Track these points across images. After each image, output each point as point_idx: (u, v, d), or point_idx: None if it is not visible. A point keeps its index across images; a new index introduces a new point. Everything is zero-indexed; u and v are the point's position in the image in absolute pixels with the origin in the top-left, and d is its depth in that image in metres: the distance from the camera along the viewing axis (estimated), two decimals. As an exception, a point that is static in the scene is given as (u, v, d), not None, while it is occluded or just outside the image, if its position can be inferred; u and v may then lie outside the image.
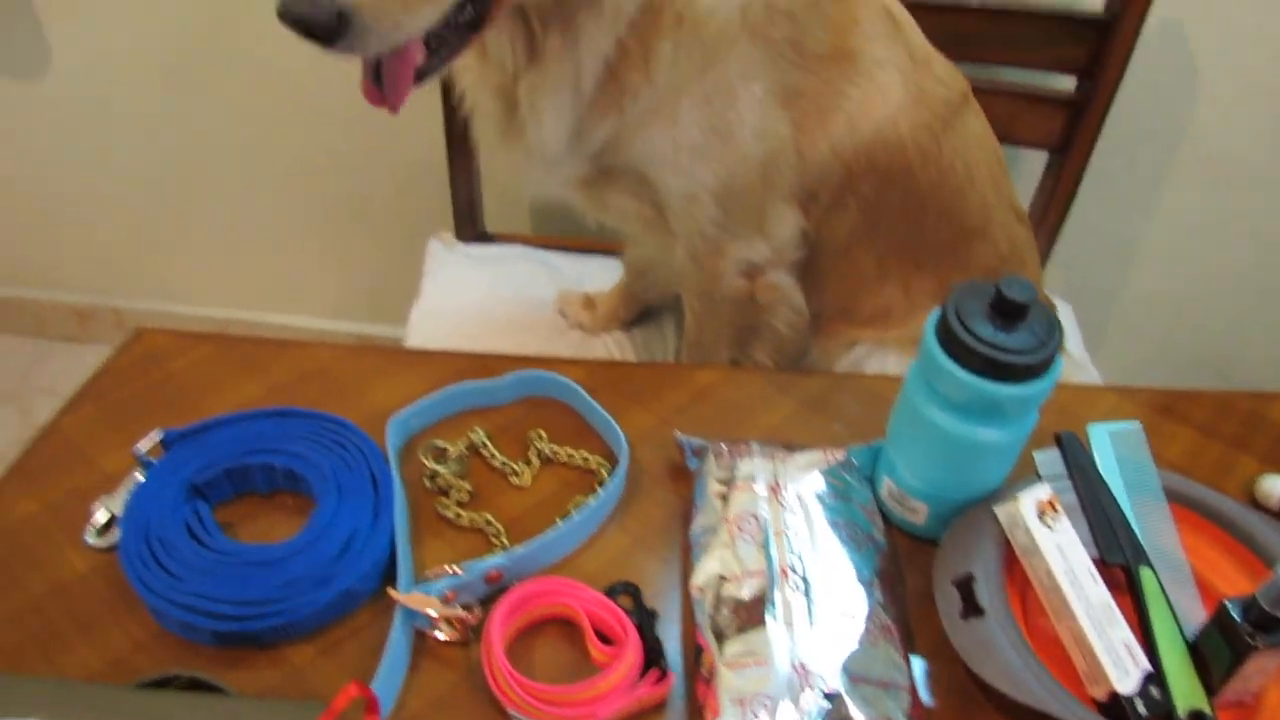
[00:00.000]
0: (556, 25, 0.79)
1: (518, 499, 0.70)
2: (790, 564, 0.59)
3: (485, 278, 1.30)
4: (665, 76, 0.81)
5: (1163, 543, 0.64)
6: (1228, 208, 1.46)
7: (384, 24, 0.67)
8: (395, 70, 0.74)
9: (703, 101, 0.83)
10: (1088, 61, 1.17)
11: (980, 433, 0.60)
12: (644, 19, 0.79)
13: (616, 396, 0.76)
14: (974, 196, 0.95)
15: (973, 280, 0.60)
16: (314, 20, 0.65)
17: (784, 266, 0.95)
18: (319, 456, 0.69)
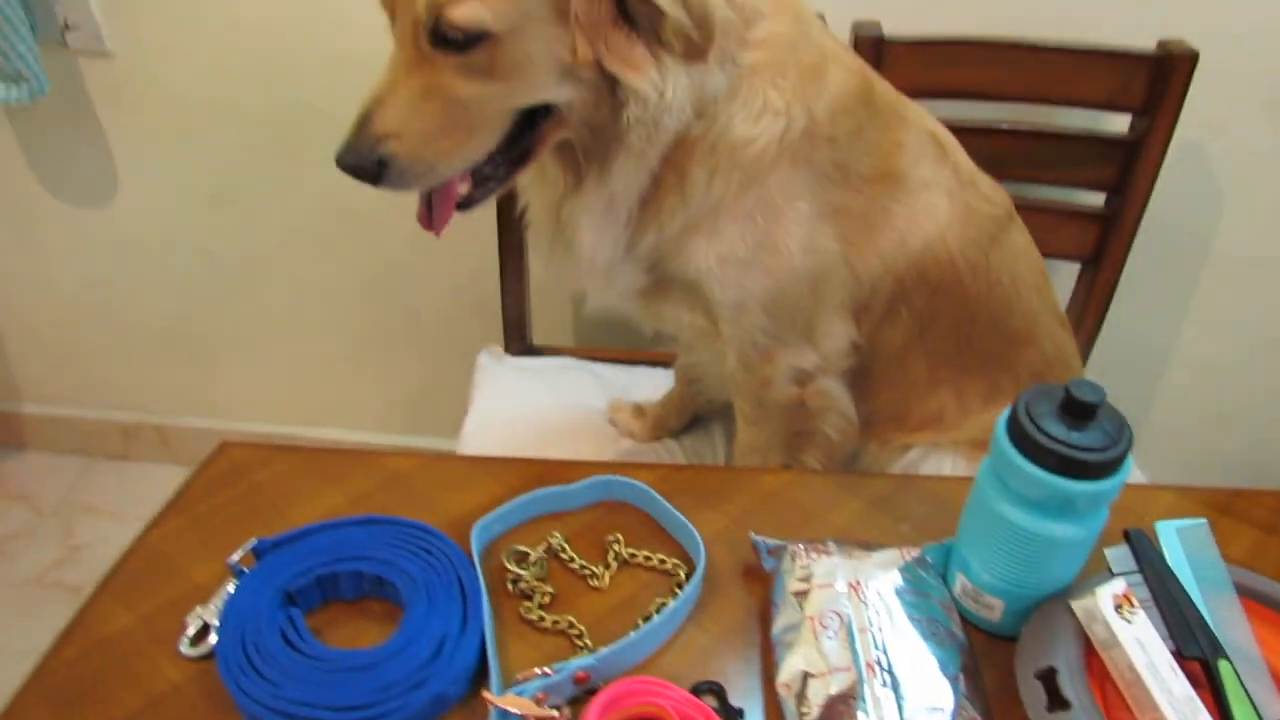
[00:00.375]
0: (595, 159, 0.86)
1: (598, 601, 0.72)
2: (876, 659, 0.60)
3: (535, 388, 1.34)
4: (700, 197, 0.87)
5: (1236, 636, 0.65)
6: (1257, 313, 1.51)
7: (417, 168, 0.78)
8: (440, 201, 0.84)
9: (745, 218, 0.88)
10: (1116, 179, 1.23)
11: (1054, 528, 0.62)
12: (677, 151, 0.85)
13: (687, 499, 0.78)
14: (1020, 305, 0.99)
15: (1042, 384, 0.64)
16: (361, 167, 0.77)
17: (834, 374, 0.98)
18: (407, 563, 0.71)
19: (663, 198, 0.87)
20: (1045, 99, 1.21)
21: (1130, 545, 0.67)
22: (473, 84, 0.76)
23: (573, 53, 0.77)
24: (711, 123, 0.84)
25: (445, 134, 0.77)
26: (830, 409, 0.99)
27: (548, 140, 0.84)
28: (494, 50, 0.75)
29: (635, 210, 0.88)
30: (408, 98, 0.76)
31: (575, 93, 0.80)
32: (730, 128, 0.84)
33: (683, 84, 0.80)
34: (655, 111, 0.80)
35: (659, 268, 0.92)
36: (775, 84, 0.84)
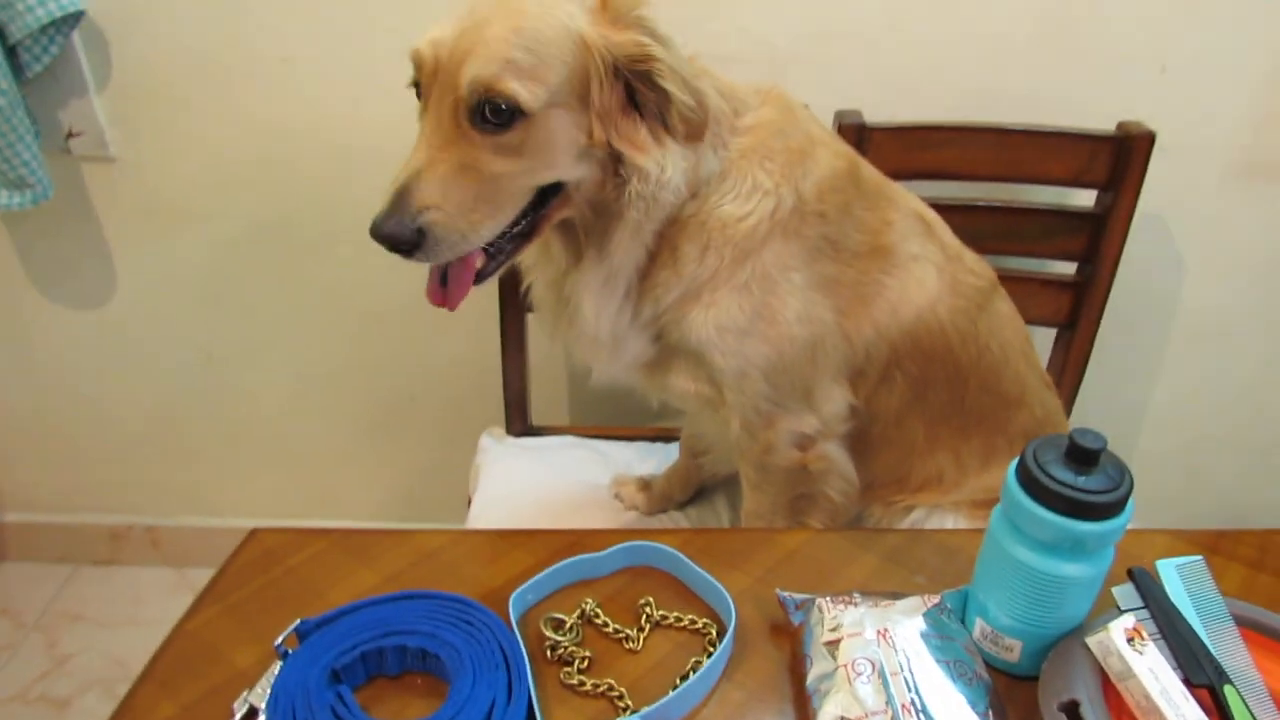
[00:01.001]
0: (595, 236, 0.93)
1: (634, 663, 0.75)
2: (911, 700, 0.64)
3: (539, 467, 1.37)
4: (692, 270, 0.93)
5: (1237, 663, 0.69)
6: (1222, 371, 1.59)
7: (453, 237, 0.84)
8: (458, 274, 0.89)
9: (741, 289, 0.94)
10: (1086, 249, 1.31)
11: (1066, 568, 0.67)
12: (671, 228, 0.93)
13: (711, 560, 0.82)
14: (1009, 370, 1.05)
15: (1046, 435, 0.69)
16: (399, 236, 0.82)
17: (834, 438, 1.03)
18: (449, 634, 0.73)
19: (657, 271, 0.94)
20: (1018, 178, 1.29)
21: (1135, 583, 0.72)
22: (504, 161, 0.83)
23: (589, 135, 0.86)
24: (703, 202, 0.91)
25: (477, 207, 0.83)
26: (831, 471, 1.03)
27: (553, 217, 0.90)
28: (527, 130, 0.82)
29: (634, 284, 0.94)
30: (445, 172, 0.82)
31: (586, 172, 0.88)
32: (720, 206, 0.91)
33: (680, 164, 0.88)
34: (655, 187, 0.87)
35: (663, 339, 0.97)
36: (764, 166, 0.92)
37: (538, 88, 0.81)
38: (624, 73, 0.85)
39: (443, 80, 0.82)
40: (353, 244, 1.53)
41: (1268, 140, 1.38)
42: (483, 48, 0.80)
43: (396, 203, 0.81)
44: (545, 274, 1.01)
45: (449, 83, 0.81)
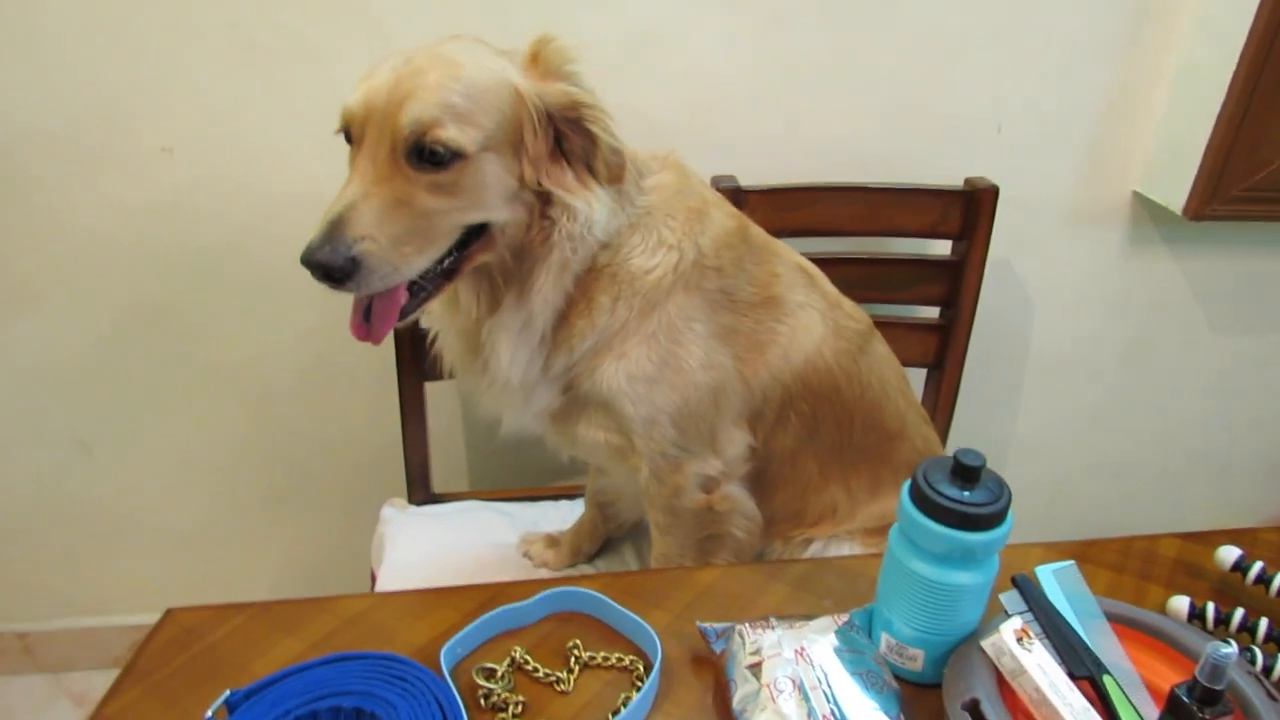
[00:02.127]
0: (515, 281, 0.97)
1: (566, 704, 0.77)
2: (831, 710, 0.69)
3: (445, 532, 1.38)
4: (606, 321, 0.99)
5: (1112, 655, 0.77)
6: (1076, 400, 1.74)
7: (385, 269, 0.86)
8: (383, 309, 0.92)
9: (649, 339, 1.00)
10: (946, 294, 1.43)
11: (959, 577, 0.74)
12: (587, 276, 0.98)
13: (633, 601, 0.85)
14: (890, 406, 1.13)
15: (932, 458, 0.76)
16: (332, 264, 0.83)
17: (736, 479, 1.09)
18: (384, 691, 0.74)
19: (573, 321, 0.99)
20: (881, 231, 1.41)
21: (1019, 588, 0.79)
22: (438, 198, 0.87)
23: (520, 178, 0.91)
24: (615, 253, 0.97)
25: (409, 240, 0.86)
26: (736, 511, 1.09)
27: (475, 258, 0.94)
28: (462, 170, 0.87)
29: (549, 333, 0.98)
30: (379, 205, 0.85)
31: (513, 214, 0.93)
32: (630, 259, 0.98)
33: (606, 204, 0.95)
34: (584, 226, 0.93)
35: (573, 389, 1.02)
36: (667, 224, 0.98)
37: (474, 131, 0.86)
38: (555, 121, 0.91)
39: (378, 122, 0.86)
40: (238, 322, 1.52)
41: (1094, 190, 1.55)
42: (424, 92, 0.85)
43: (330, 232, 0.83)
44: (455, 324, 1.04)
45: (386, 124, 0.85)
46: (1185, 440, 1.83)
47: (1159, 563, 0.95)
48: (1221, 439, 1.84)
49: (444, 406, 1.59)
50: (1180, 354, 1.73)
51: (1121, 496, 1.87)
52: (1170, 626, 0.79)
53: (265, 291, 1.49)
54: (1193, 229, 1.59)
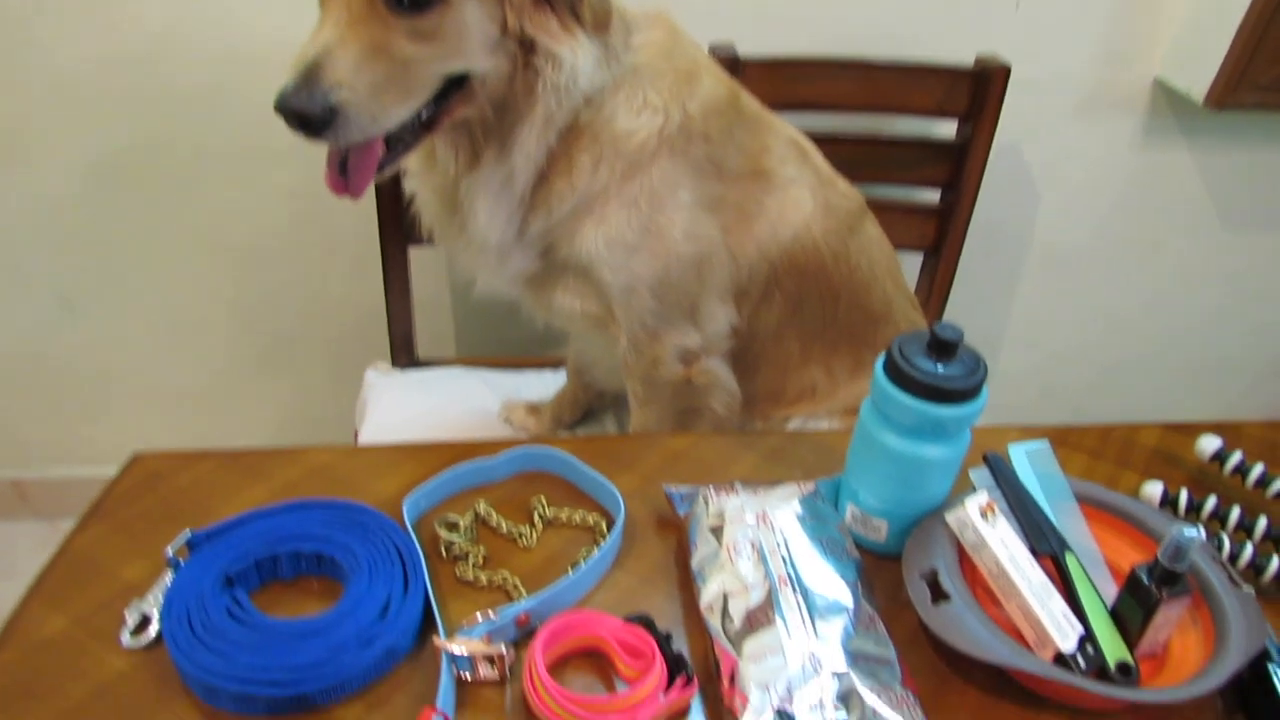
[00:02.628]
0: (496, 137, 0.93)
1: (528, 558, 0.77)
2: (787, 573, 0.68)
3: (428, 397, 1.38)
4: (586, 183, 0.95)
5: (1077, 535, 0.77)
6: (1074, 294, 1.70)
7: (363, 119, 0.82)
8: (360, 162, 0.88)
9: (630, 204, 0.96)
10: (949, 178, 1.38)
11: (927, 450, 0.72)
12: (569, 135, 0.94)
13: (602, 463, 0.85)
14: (877, 288, 1.11)
15: (910, 331, 0.74)
16: (308, 112, 0.79)
17: (717, 354, 1.07)
18: (344, 538, 0.75)
19: (553, 181, 0.95)
20: (884, 109, 1.35)
21: (989, 465, 0.78)
22: (418, 45, 0.82)
23: (502, 26, 0.86)
24: (598, 111, 0.93)
25: (388, 90, 0.82)
26: (715, 386, 1.07)
27: (454, 111, 0.90)
28: (443, 14, 0.82)
29: (528, 194, 0.95)
30: (357, 51, 0.80)
31: (495, 64, 0.88)
32: (614, 119, 0.93)
33: (590, 53, 0.89)
34: (569, 76, 0.88)
35: (551, 254, 0.99)
36: (654, 84, 0.94)
37: None
38: None
39: None
40: (218, 179, 1.48)
41: (1114, 74, 1.48)
42: None
43: (306, 78, 0.79)
44: (431, 181, 1.00)
45: None
46: (1187, 340, 1.81)
47: (1138, 450, 0.95)
48: (1225, 339, 1.82)
49: (430, 271, 1.57)
50: (1189, 252, 1.69)
51: (1117, 393, 1.86)
52: (1139, 510, 0.78)
53: (244, 148, 1.45)
54: (1212, 121, 1.52)
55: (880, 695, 0.62)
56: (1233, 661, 0.66)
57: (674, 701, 0.64)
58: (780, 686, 0.61)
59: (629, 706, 0.63)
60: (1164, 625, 0.69)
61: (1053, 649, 0.67)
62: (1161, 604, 0.67)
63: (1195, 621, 0.71)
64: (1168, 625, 0.69)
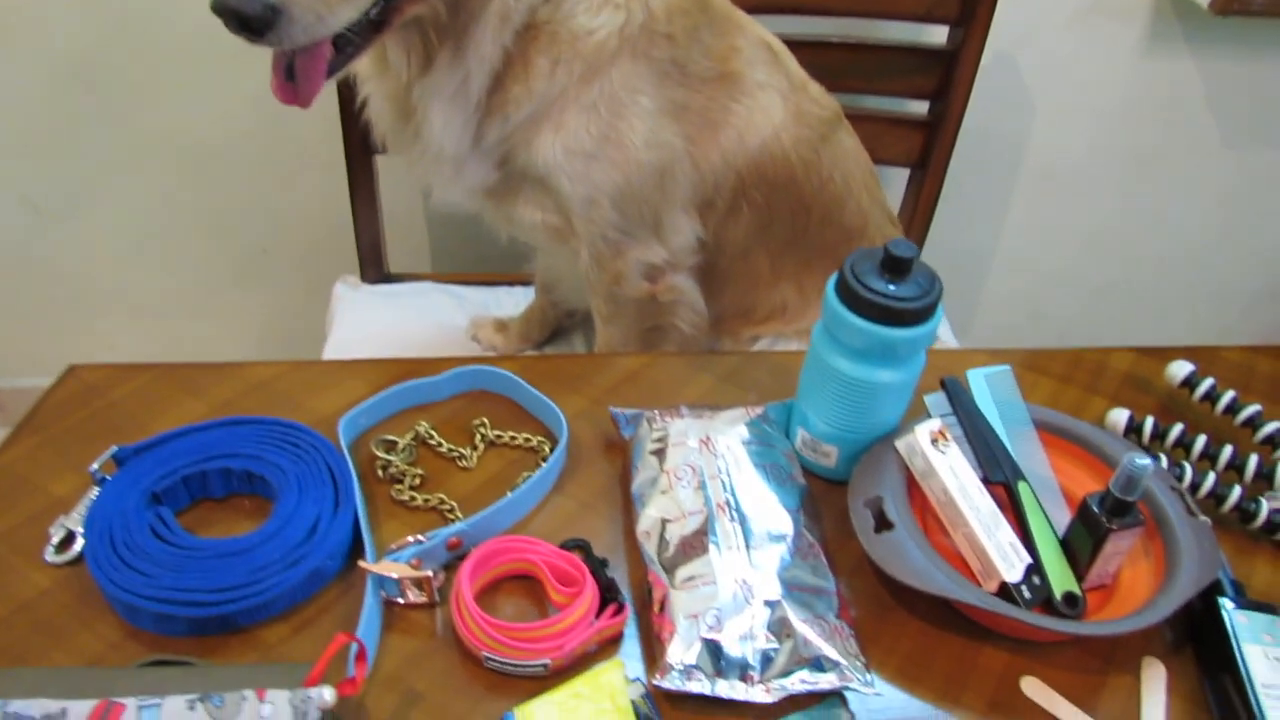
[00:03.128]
0: (449, 37, 0.88)
1: (467, 479, 0.75)
2: (725, 500, 0.66)
3: (395, 312, 1.35)
4: (543, 87, 0.90)
5: (1033, 463, 0.74)
6: (1068, 214, 1.65)
7: (309, 18, 0.76)
8: (308, 66, 0.81)
9: (589, 110, 0.91)
10: (937, 88, 1.32)
11: (878, 374, 0.69)
12: (525, 35, 0.88)
13: (550, 384, 0.82)
14: (851, 202, 1.06)
15: (865, 248, 0.70)
16: (247, 11, 0.73)
17: (683, 270, 1.04)
18: (275, 456, 0.72)
19: (509, 86, 0.90)
20: (869, 13, 1.28)
21: (946, 390, 0.75)
22: None
23: None
24: (556, 8, 0.87)
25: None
26: (681, 303, 1.04)
27: (405, 10, 0.84)
28: None
29: (484, 99, 0.90)
30: None
31: None
32: (573, 17, 0.88)
33: None
34: None
35: (509, 163, 0.94)
36: None
37: None
38: None
39: None
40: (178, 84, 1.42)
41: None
42: None
43: None
44: (383, 87, 0.95)
45: None
46: (1182, 262, 1.76)
47: (1108, 376, 0.91)
48: (1222, 262, 1.76)
49: (403, 182, 1.52)
50: (1187, 169, 1.63)
51: (1107, 318, 1.82)
52: (1099, 437, 0.75)
53: (206, 51, 1.39)
54: (1218, 28, 1.45)
55: (813, 626, 0.60)
56: (1179, 595, 0.64)
57: (603, 629, 0.62)
58: (710, 616, 0.60)
59: (555, 633, 0.61)
60: (1114, 556, 0.67)
61: (998, 579, 0.65)
62: (1111, 534, 0.65)
63: (1148, 553, 0.69)
64: (1118, 556, 0.67)
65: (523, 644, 0.60)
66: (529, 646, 0.60)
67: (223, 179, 1.55)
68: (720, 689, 0.58)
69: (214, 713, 0.51)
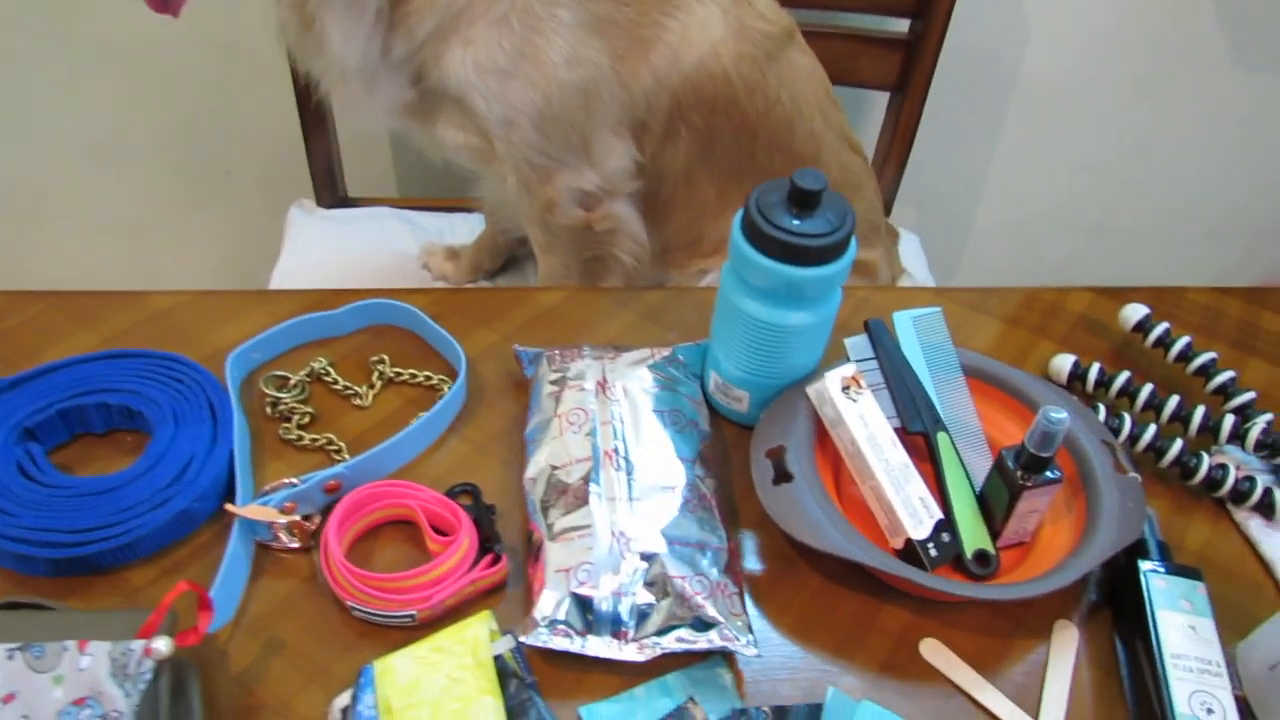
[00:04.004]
0: None
1: (360, 419, 0.72)
2: (614, 447, 0.62)
3: (347, 238, 1.30)
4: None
5: (959, 412, 0.70)
6: (1062, 141, 1.56)
7: None
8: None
9: (500, 23, 0.85)
10: (917, 3, 1.23)
11: (788, 316, 0.65)
12: None
13: (461, 319, 0.78)
14: (803, 126, 0.99)
15: (772, 180, 0.65)
16: None
17: (621, 197, 0.98)
18: (154, 391, 0.69)
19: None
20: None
21: (869, 333, 0.71)
22: None
23: None
24: None
25: None
26: (619, 232, 0.99)
27: None
28: None
29: (385, 6, 0.84)
30: None
31: None
32: None
33: None
34: None
35: (422, 80, 0.89)
36: None
37: None
38: None
39: None
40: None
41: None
42: None
43: None
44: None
45: None
46: (1183, 195, 1.66)
47: (1061, 318, 0.86)
48: (1225, 196, 1.67)
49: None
50: (1194, 94, 1.52)
51: (1102, 254, 1.74)
52: (1031, 385, 0.70)
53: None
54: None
55: (692, 581, 0.57)
56: (1093, 558, 0.60)
57: (478, 580, 0.59)
58: (583, 570, 0.56)
59: (423, 584, 0.58)
60: (1030, 514, 0.63)
61: (904, 536, 0.62)
62: (1025, 492, 0.60)
63: (1070, 510, 0.65)
64: (1034, 514, 0.63)
65: (388, 594, 0.58)
66: (394, 597, 0.57)
67: (178, 93, 1.49)
68: (589, 647, 0.55)
69: (32, 663, 0.49)
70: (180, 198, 1.63)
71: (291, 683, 0.56)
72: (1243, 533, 0.69)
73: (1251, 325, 0.87)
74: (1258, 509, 0.69)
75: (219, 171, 1.59)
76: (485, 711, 0.53)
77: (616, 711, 0.56)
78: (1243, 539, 0.69)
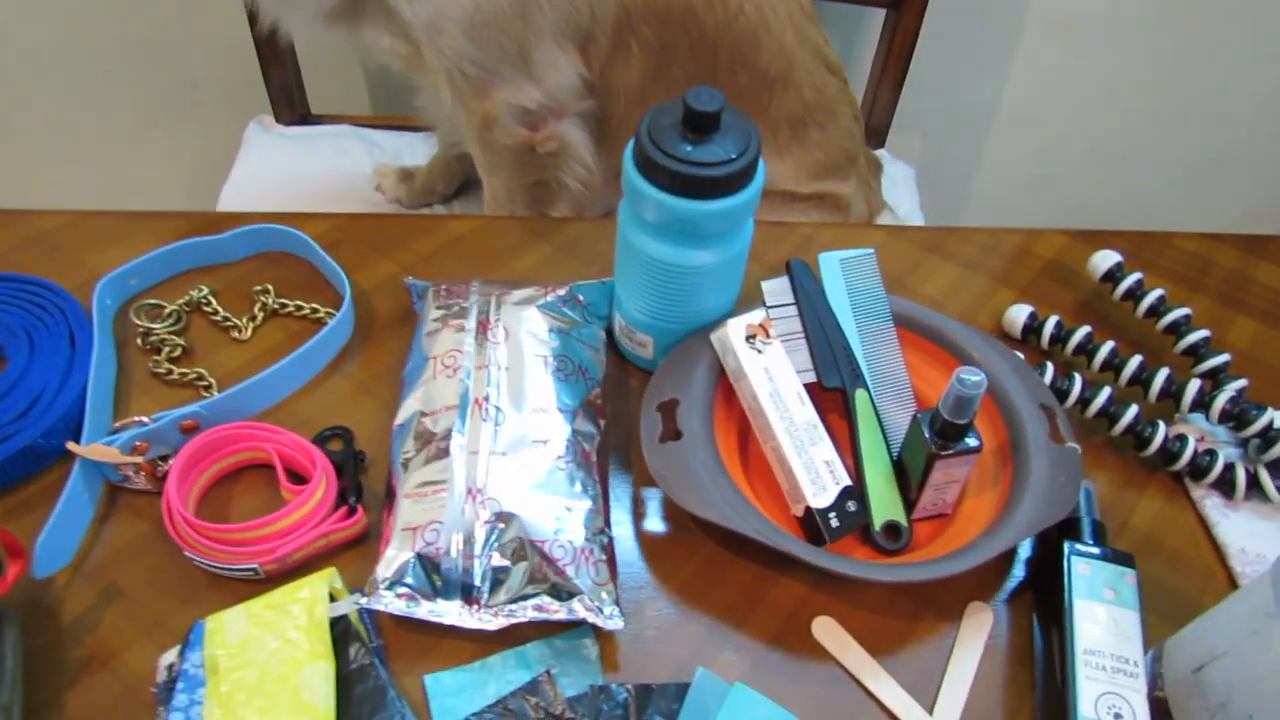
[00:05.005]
0: None
1: (237, 352, 0.67)
2: (486, 394, 0.57)
3: (300, 156, 1.24)
4: None
5: (887, 366, 0.63)
6: (1081, 64, 1.44)
7: None
8: None
9: None
10: (910, -96, 1.12)
11: (688, 256, 0.58)
12: None
13: (361, 248, 0.72)
14: (771, 42, 0.91)
15: (666, 101, 0.57)
16: None
17: (568, 118, 0.90)
18: (10, 317, 0.64)
19: None
20: None
21: (791, 276, 0.64)
22: None
23: None
24: None
25: None
26: (565, 155, 0.91)
27: None
28: None
29: None
30: None
31: None
32: None
33: None
34: None
35: None
36: None
37: None
38: None
39: None
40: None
41: None
42: None
43: None
44: None
45: None
46: (1213, 124, 1.53)
47: (1028, 263, 0.78)
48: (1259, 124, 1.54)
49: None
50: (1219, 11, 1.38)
51: (1122, 188, 1.61)
52: (966, 337, 0.63)
53: None
54: None
55: (553, 546, 0.51)
56: (1009, 537, 0.53)
57: (330, 534, 0.54)
58: (432, 529, 0.51)
59: (268, 535, 0.54)
60: (948, 484, 0.56)
61: (804, 504, 0.56)
62: (938, 461, 0.54)
63: (997, 481, 0.58)
64: (953, 484, 0.57)
65: (227, 547, 0.53)
66: (234, 550, 0.53)
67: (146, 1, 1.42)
68: (437, 612, 0.50)
69: None
70: (150, 113, 1.56)
71: (125, 634, 0.52)
72: (1198, 512, 0.62)
73: (1244, 277, 0.79)
74: (1216, 486, 0.62)
75: (186, 84, 1.52)
76: (314, 677, 0.48)
77: (465, 681, 0.51)
78: (1197, 519, 0.62)
